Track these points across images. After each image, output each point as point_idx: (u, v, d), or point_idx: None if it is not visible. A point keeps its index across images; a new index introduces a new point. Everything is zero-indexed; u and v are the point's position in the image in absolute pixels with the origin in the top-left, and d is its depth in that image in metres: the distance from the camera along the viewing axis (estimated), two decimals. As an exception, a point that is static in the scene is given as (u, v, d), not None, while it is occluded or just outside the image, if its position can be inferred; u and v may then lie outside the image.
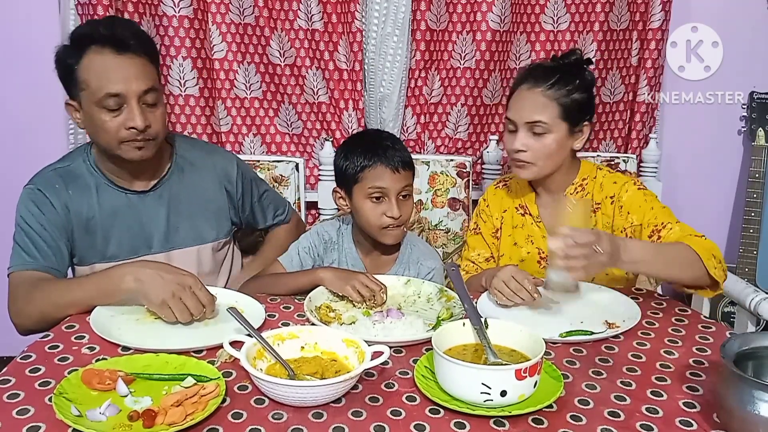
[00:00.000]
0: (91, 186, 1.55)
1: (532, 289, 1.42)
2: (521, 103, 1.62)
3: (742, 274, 2.41)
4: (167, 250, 1.61)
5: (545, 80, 1.61)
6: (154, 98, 1.48)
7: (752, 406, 0.92)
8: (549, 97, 1.60)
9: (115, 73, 1.43)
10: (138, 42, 1.47)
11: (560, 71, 1.63)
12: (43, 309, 1.39)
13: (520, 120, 1.61)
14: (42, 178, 1.54)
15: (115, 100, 1.43)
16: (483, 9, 2.34)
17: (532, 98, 1.61)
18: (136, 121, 1.44)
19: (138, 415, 0.99)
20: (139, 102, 1.45)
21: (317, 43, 2.31)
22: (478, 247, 1.80)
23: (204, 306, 1.33)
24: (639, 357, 1.24)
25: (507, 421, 1.01)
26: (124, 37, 1.45)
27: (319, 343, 1.18)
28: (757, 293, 1.79)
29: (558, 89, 1.60)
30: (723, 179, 2.70)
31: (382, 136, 1.67)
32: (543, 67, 1.67)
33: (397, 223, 1.59)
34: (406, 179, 1.60)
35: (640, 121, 2.51)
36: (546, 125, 1.59)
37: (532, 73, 1.65)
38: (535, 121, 1.59)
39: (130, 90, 1.43)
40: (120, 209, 1.56)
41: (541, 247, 1.71)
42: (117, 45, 1.43)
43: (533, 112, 1.60)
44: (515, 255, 1.73)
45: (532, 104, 1.60)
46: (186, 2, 2.22)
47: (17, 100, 2.40)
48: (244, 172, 1.77)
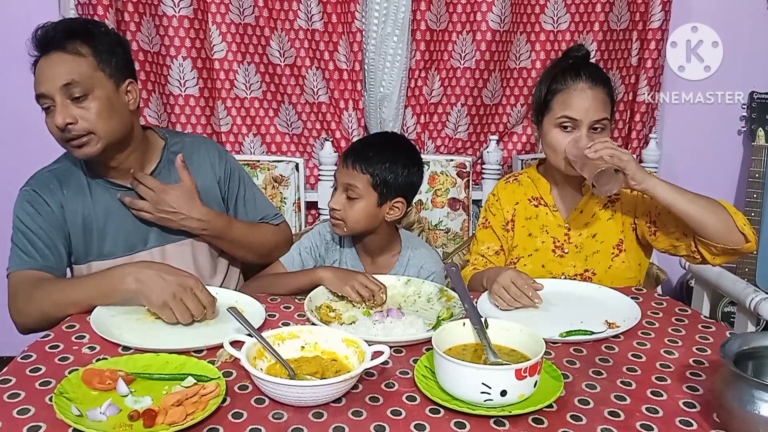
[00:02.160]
0: (85, 185, 1.55)
1: (533, 295, 1.42)
2: (587, 103, 1.60)
3: (742, 274, 2.41)
4: (162, 244, 1.60)
5: (600, 80, 1.63)
6: (80, 92, 1.41)
7: (752, 406, 0.92)
8: (607, 95, 1.63)
9: (41, 74, 1.42)
10: (66, 36, 1.43)
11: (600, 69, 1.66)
12: (44, 308, 1.39)
13: (586, 119, 1.59)
14: (37, 180, 1.55)
15: (45, 100, 1.42)
16: (483, 9, 2.35)
17: (596, 97, 1.61)
18: (55, 119, 1.42)
19: (138, 414, 0.99)
20: (65, 98, 1.42)
21: (317, 43, 2.31)
22: (488, 241, 1.79)
23: (205, 307, 1.33)
24: (639, 357, 1.24)
25: (507, 421, 1.01)
26: (50, 35, 1.43)
27: (320, 342, 1.18)
28: (757, 293, 1.79)
29: (608, 87, 1.64)
30: (723, 179, 2.70)
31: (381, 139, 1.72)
32: (591, 66, 1.67)
33: (335, 218, 1.62)
34: (351, 177, 1.60)
35: (640, 121, 2.51)
36: (607, 122, 1.63)
37: (583, 71, 1.63)
38: (601, 119, 1.61)
39: (51, 87, 1.41)
40: (114, 206, 1.56)
41: (556, 236, 1.72)
42: (43, 47, 1.43)
43: (600, 110, 1.61)
44: (529, 245, 1.74)
45: (599, 103, 1.61)
46: (186, 2, 2.22)
47: (17, 99, 2.40)
48: (231, 164, 1.73)
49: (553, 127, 1.63)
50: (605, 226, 1.69)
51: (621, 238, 1.67)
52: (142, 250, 1.58)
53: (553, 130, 1.63)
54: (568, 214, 1.72)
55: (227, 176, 1.70)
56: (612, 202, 1.69)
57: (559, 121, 1.62)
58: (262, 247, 1.72)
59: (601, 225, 1.69)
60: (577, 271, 1.68)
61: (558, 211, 1.73)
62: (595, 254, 1.68)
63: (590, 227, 1.69)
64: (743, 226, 1.46)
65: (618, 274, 1.66)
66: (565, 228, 1.71)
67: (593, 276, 1.68)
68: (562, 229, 1.71)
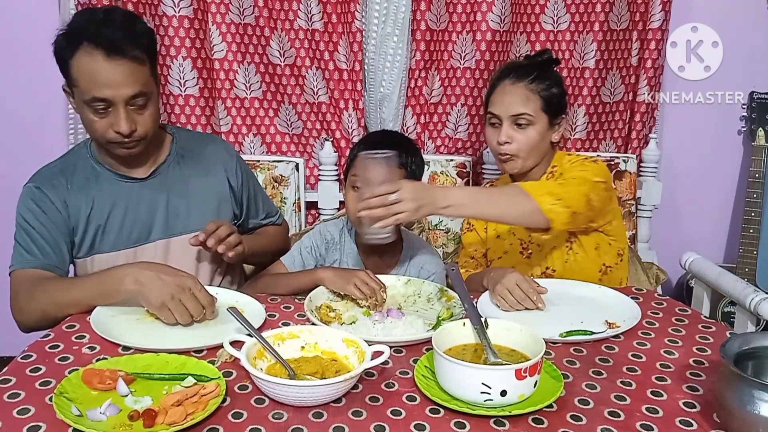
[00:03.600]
0: (91, 177, 1.56)
1: (537, 299, 1.42)
2: (505, 97, 1.68)
3: (742, 274, 2.41)
4: (167, 237, 1.61)
5: (526, 75, 1.68)
6: (143, 101, 1.47)
7: (752, 406, 0.92)
8: (532, 90, 1.67)
9: (104, 78, 1.41)
10: (131, 43, 1.44)
11: (537, 68, 1.70)
12: (44, 307, 1.39)
13: (504, 113, 1.67)
14: (41, 176, 1.55)
15: (103, 103, 1.43)
16: (483, 9, 2.35)
17: (515, 92, 1.67)
18: (121, 126, 1.44)
19: (138, 414, 0.99)
20: (126, 106, 1.44)
21: (317, 43, 2.31)
22: (474, 244, 1.85)
23: (204, 307, 1.33)
24: (639, 357, 1.24)
25: (507, 421, 1.01)
26: (117, 38, 1.41)
27: (320, 342, 1.18)
28: (757, 293, 1.78)
29: (539, 83, 1.67)
30: (723, 179, 2.70)
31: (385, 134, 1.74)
32: (521, 64, 1.74)
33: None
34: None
35: (640, 121, 2.51)
36: (530, 117, 1.66)
37: (512, 70, 1.71)
38: (520, 114, 1.66)
39: (117, 95, 1.42)
40: (120, 198, 1.57)
41: (522, 238, 1.75)
42: (108, 48, 1.40)
43: (518, 105, 1.66)
44: (498, 247, 1.78)
45: (517, 98, 1.67)
46: (186, 2, 2.22)
47: (17, 99, 2.41)
48: (241, 163, 1.77)
49: (486, 125, 1.74)
50: None
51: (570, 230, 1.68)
52: (146, 243, 1.59)
53: (486, 128, 1.75)
54: None
55: (239, 177, 1.73)
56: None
57: (488, 118, 1.73)
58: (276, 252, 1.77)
59: None
60: (541, 269, 1.71)
61: None
62: (553, 250, 1.71)
63: None
64: (548, 211, 1.48)
65: (575, 268, 1.68)
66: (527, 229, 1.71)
67: (554, 273, 1.70)
68: (526, 230, 1.71)
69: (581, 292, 1.53)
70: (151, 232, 1.60)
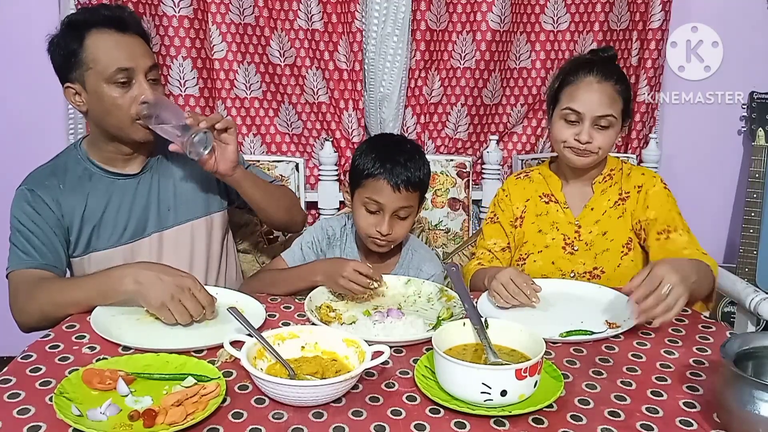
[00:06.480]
0: (83, 177, 1.56)
1: (531, 294, 1.42)
2: (593, 96, 1.61)
3: (742, 274, 2.41)
4: (161, 230, 1.61)
5: (612, 75, 1.62)
6: (156, 75, 1.53)
7: (752, 406, 0.92)
8: (617, 91, 1.62)
9: (124, 50, 1.47)
10: (135, 23, 1.53)
11: (616, 68, 1.66)
12: (44, 307, 1.39)
13: (589, 112, 1.60)
14: (33, 178, 1.56)
15: (125, 74, 1.47)
16: (483, 9, 2.35)
17: (604, 91, 1.61)
18: (147, 94, 1.48)
19: (138, 414, 0.99)
20: (146, 78, 1.49)
21: (317, 43, 2.31)
22: (495, 236, 1.79)
23: (203, 307, 1.33)
24: (639, 357, 1.24)
25: (507, 421, 1.01)
26: (123, 17, 1.50)
27: (320, 342, 1.18)
28: (757, 293, 1.78)
29: (621, 84, 1.63)
30: (723, 179, 2.70)
31: (401, 149, 1.58)
32: (604, 61, 1.67)
33: (385, 240, 1.58)
34: (407, 200, 1.55)
35: (640, 121, 2.51)
36: (614, 119, 1.62)
37: (597, 66, 1.63)
38: (606, 115, 1.61)
39: (139, 65, 1.48)
40: (114, 195, 1.57)
41: (566, 233, 1.72)
42: (118, 25, 1.48)
43: (606, 106, 1.60)
44: (539, 242, 1.74)
45: (606, 98, 1.61)
46: (186, 2, 2.22)
47: (17, 99, 2.41)
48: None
49: (559, 119, 1.65)
50: (615, 224, 1.69)
51: (630, 237, 1.68)
52: (142, 238, 1.59)
53: (558, 122, 1.65)
54: (579, 212, 1.72)
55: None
56: (623, 200, 1.70)
57: (564, 113, 1.63)
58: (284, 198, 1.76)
59: (612, 223, 1.69)
60: (586, 268, 1.69)
61: (569, 208, 1.73)
62: (605, 252, 1.68)
63: (600, 225, 1.70)
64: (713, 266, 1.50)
65: (627, 273, 1.66)
66: (575, 225, 1.71)
67: (602, 274, 1.68)
68: (573, 226, 1.71)
69: (581, 292, 1.53)
70: (146, 226, 1.60)
